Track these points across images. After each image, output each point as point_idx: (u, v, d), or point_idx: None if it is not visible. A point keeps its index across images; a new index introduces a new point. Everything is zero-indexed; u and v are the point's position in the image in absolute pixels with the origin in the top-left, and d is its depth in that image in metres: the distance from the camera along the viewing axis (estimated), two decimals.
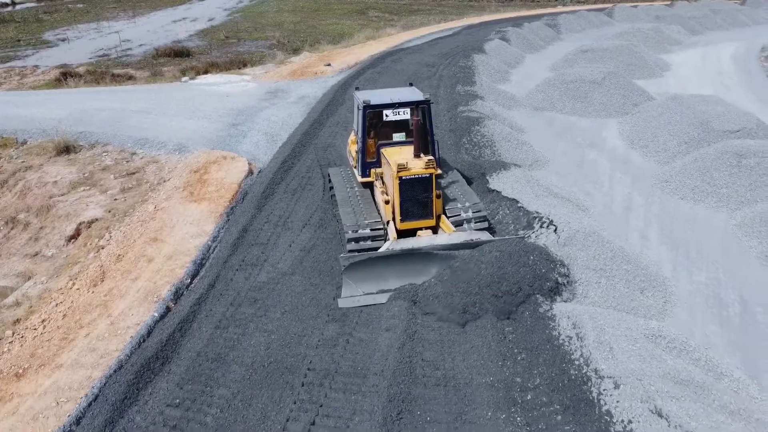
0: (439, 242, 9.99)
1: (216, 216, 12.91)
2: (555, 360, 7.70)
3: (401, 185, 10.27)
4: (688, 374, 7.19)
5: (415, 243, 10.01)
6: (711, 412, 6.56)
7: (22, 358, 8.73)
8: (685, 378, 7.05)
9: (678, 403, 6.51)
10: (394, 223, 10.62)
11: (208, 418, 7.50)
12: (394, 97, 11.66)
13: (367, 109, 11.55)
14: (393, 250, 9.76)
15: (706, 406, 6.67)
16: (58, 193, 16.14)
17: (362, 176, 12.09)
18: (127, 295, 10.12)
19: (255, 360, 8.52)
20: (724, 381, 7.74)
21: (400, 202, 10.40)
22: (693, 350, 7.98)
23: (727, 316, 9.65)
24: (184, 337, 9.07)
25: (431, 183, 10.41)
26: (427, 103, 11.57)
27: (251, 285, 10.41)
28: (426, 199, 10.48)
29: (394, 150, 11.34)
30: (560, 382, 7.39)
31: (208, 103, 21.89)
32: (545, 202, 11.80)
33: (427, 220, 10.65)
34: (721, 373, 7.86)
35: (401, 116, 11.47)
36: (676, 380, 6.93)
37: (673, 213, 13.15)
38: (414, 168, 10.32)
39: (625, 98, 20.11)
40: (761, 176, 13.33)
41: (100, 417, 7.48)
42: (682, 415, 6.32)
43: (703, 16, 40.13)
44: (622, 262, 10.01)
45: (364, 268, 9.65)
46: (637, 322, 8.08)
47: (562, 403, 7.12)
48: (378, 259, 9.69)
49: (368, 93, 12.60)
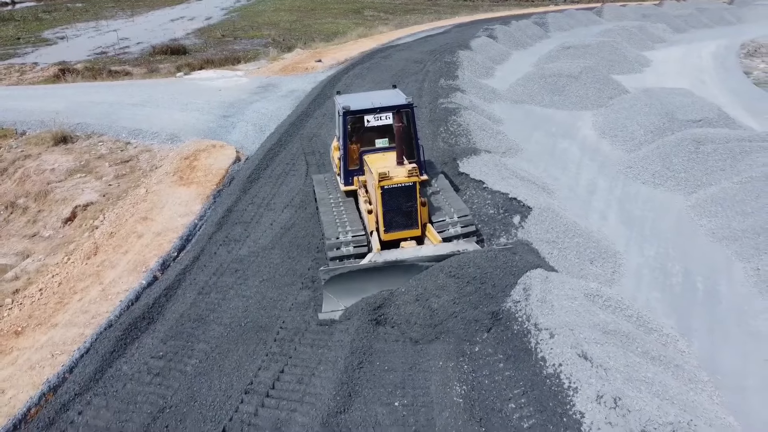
0: (424, 254, 9.45)
1: (203, 198, 13.75)
2: (503, 318, 8.51)
3: (383, 195, 9.82)
4: (617, 326, 8.01)
5: (398, 255, 9.47)
6: (630, 355, 7.38)
7: (20, 319, 9.57)
8: (613, 329, 7.87)
9: (602, 348, 7.33)
10: (378, 234, 10.11)
11: (188, 367, 8.33)
12: (375, 102, 11.15)
13: (347, 115, 11.09)
14: (376, 263, 9.27)
15: (627, 351, 7.49)
16: (56, 180, 16.97)
17: (345, 185, 11.58)
18: (117, 266, 10.95)
19: (233, 320, 9.35)
20: (653, 335, 8.57)
21: (383, 212, 9.94)
22: (626, 308, 8.80)
23: (670, 284, 10.48)
24: (169, 301, 9.90)
25: (415, 192, 9.95)
26: (410, 107, 11.11)
27: (233, 257, 11.24)
28: (410, 208, 10.01)
29: (377, 157, 10.86)
30: (505, 336, 8.21)
31: (200, 97, 22.72)
32: (510, 184, 12.63)
33: (412, 230, 10.15)
34: (651, 329, 8.69)
35: (383, 121, 10.96)
36: (605, 330, 7.75)
37: (633, 196, 13.98)
38: (396, 176, 9.85)
39: (600, 92, 20.93)
40: (717, 161, 14.15)
41: (91, 366, 8.31)
42: (603, 356, 7.14)
43: (688, 15, 40.96)
44: (574, 236, 10.85)
45: (346, 282, 9.15)
46: (579, 284, 8.90)
47: (505, 353, 7.94)
48: (360, 271, 9.21)
49: (349, 97, 12.19)
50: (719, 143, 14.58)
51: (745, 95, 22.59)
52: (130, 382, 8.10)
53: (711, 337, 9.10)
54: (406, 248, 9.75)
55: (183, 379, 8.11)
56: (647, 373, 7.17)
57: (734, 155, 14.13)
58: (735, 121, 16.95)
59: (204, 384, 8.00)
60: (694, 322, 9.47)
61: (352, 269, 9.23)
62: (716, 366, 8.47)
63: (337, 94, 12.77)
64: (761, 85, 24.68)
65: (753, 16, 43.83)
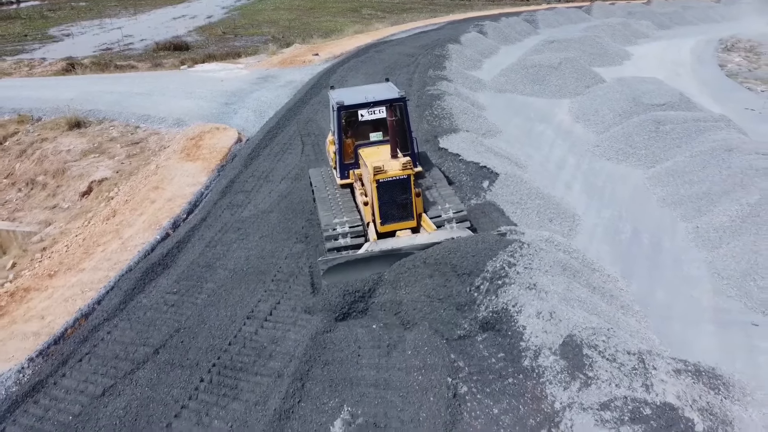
0: (419, 242, 9.73)
1: (209, 171, 15.22)
2: (473, 258, 9.90)
3: (379, 188, 9.99)
4: (565, 263, 9.45)
5: (394, 243, 9.74)
6: (573, 283, 8.83)
7: (52, 266, 11.04)
8: (564, 265, 9.31)
9: (548, 277, 8.79)
10: (375, 226, 10.31)
11: (198, 300, 9.80)
12: (368, 96, 11.30)
13: (341, 110, 11.20)
14: (372, 252, 9.54)
15: (570, 281, 8.95)
16: (71, 159, 18.45)
17: (341, 178, 11.71)
18: (134, 225, 12.42)
19: (236, 266, 10.81)
20: (596, 273, 10.03)
21: (379, 205, 10.12)
22: (575, 251, 10.26)
23: (619, 239, 11.95)
24: (181, 252, 11.37)
25: (409, 184, 10.15)
26: (402, 101, 11.30)
27: (236, 219, 12.71)
28: (405, 200, 10.21)
29: (372, 150, 11.02)
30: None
31: (204, 87, 24.18)
32: (484, 157, 14.09)
33: (407, 222, 10.36)
34: (595, 269, 10.15)
35: (377, 115, 11.10)
36: (552, 263, 9.20)
37: (597, 170, 15.44)
38: (391, 170, 10.03)
39: (578, 81, 22.39)
40: (674, 139, 15.62)
41: (115, 299, 9.78)
42: (547, 283, 8.59)
43: (673, 13, 42.43)
44: (536, 198, 12.32)
45: (344, 271, 9.40)
46: (535, 232, 10.35)
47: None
48: (357, 261, 9.46)
49: (343, 92, 12.28)
50: (677, 123, 16.05)
51: (714, 85, 24.07)
52: (149, 311, 9.57)
53: (648, 280, 10.57)
54: (402, 237, 10.01)
55: (194, 308, 9.58)
56: (582, 295, 8.64)
57: (689, 134, 15.60)
58: (696, 105, 18.41)
59: (212, 312, 9.46)
60: (636, 268, 10.94)
61: (349, 259, 9.45)
62: (649, 301, 9.94)
63: (330, 89, 12.84)
64: (732, 77, 26.15)
65: (737, 14, 45.27)
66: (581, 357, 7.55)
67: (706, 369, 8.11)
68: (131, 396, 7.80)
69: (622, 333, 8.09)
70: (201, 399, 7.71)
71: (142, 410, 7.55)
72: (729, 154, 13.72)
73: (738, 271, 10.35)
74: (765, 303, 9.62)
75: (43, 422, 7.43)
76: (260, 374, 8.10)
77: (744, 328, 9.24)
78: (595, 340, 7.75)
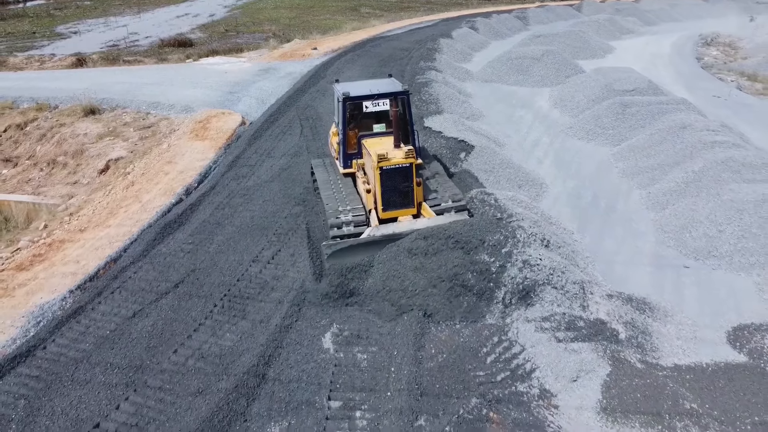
0: (419, 226, 10.03)
1: (216, 148, 16.82)
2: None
3: (382, 175, 10.33)
4: (526, 215, 11.04)
5: (395, 228, 10.07)
6: (532, 216, 10.43)
7: (82, 224, 12.65)
8: (522, 216, 10.90)
9: (512, 203, 10.38)
10: (376, 213, 10.71)
11: (210, 249, 11.40)
12: (373, 89, 11.69)
13: (346, 101, 11.61)
14: (374, 236, 9.87)
15: (531, 215, 10.54)
16: (89, 142, 20.05)
17: (344, 167, 12.14)
18: (151, 191, 14.02)
19: (242, 223, 12.41)
20: (553, 227, 11.62)
21: (382, 192, 10.47)
22: (535, 208, 11.86)
23: (579, 204, 13.54)
24: (193, 213, 12.97)
25: (411, 172, 10.50)
26: (406, 94, 11.68)
27: (241, 187, 14.30)
28: (407, 188, 10.56)
29: (375, 141, 11.43)
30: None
31: (209, 78, 25.80)
32: (463, 134, 15.69)
33: (408, 209, 10.75)
34: (552, 223, 11.75)
35: (381, 107, 11.50)
36: (512, 200, 10.80)
37: (568, 148, 17.02)
38: (394, 158, 10.40)
39: (559, 72, 23.97)
40: (638, 121, 17.19)
41: (139, 248, 11.40)
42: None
43: (660, 10, 44.01)
44: (507, 168, 13.92)
45: (347, 256, 9.76)
46: (501, 192, 11.94)
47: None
48: (360, 245, 9.83)
49: (348, 85, 12.64)
50: (642, 106, 17.64)
51: (688, 76, 25.64)
52: (168, 256, 11.18)
53: (600, 234, 12.16)
54: (402, 222, 10.41)
55: (207, 255, 11.18)
56: (540, 230, 10.22)
57: (652, 115, 17.18)
58: (662, 91, 19.99)
59: (222, 257, 11.07)
60: (590, 225, 12.52)
61: (352, 243, 9.83)
62: (598, 249, 11.53)
63: (336, 82, 13.23)
64: (707, 68, 27.73)
65: (723, 11, 46.78)
66: (534, 287, 9.15)
67: (637, 297, 9.77)
68: (157, 317, 9.39)
69: (571, 270, 9.68)
70: (215, 319, 9.30)
71: (167, 327, 9.15)
72: (683, 131, 15.30)
73: (677, 225, 11.94)
74: (696, 250, 11.20)
75: (86, 336, 9.02)
76: (264, 301, 9.69)
77: (676, 270, 10.81)
78: (550, 277, 9.35)
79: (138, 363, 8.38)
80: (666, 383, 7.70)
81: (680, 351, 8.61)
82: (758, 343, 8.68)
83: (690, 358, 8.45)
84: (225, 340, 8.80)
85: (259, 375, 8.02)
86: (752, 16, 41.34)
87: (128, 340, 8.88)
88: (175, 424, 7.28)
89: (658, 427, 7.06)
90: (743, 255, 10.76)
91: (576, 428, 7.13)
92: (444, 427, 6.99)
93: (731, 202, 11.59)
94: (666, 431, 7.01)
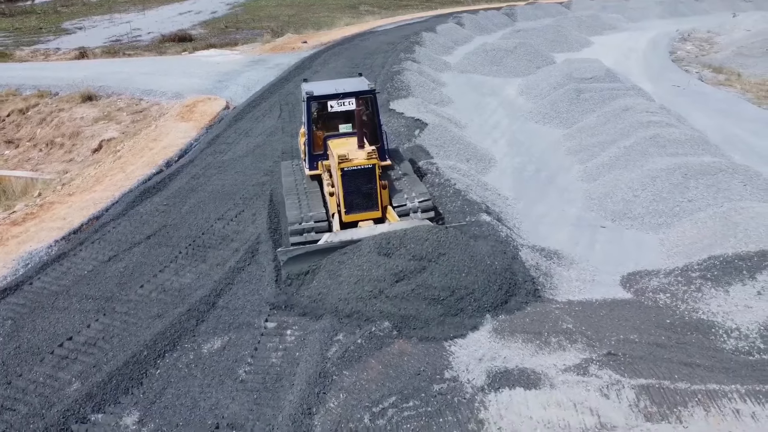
0: (379, 232, 9.67)
1: (198, 128, 18.30)
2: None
3: (343, 177, 10.15)
4: (461, 180, 12.41)
5: (354, 234, 9.73)
6: (467, 182, 11.80)
7: (70, 189, 14.14)
8: (459, 171, 12.27)
9: (450, 170, 11.76)
10: (339, 216, 10.43)
11: (182, 209, 12.86)
12: (339, 88, 11.51)
13: (310, 101, 11.44)
14: (332, 243, 9.57)
15: (467, 180, 11.92)
16: (85, 125, 21.59)
17: (310, 169, 11.93)
18: (135, 164, 15.52)
19: (213, 190, 13.86)
20: (488, 192, 13.00)
21: (344, 194, 10.25)
22: (471, 175, 13.24)
23: (521, 176, 14.89)
24: (171, 181, 14.44)
25: (374, 174, 10.25)
26: (372, 93, 11.55)
27: (218, 161, 15.76)
28: (370, 190, 10.32)
29: (340, 141, 11.22)
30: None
31: (201, 69, 27.31)
32: (423, 115, 17.07)
33: (372, 212, 10.47)
34: (487, 189, 13.12)
35: (346, 107, 11.25)
36: (451, 168, 12.17)
37: (524, 130, 18.36)
38: (356, 159, 10.19)
39: (530, 63, 25.31)
40: (590, 105, 18.52)
41: (119, 208, 12.91)
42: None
43: (645, 7, 45.11)
44: (456, 143, 15.31)
45: (303, 262, 9.53)
46: (442, 162, 13.31)
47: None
48: (318, 252, 9.54)
49: (314, 84, 12.49)
50: (595, 92, 18.97)
51: (656, 68, 26.89)
52: (144, 215, 12.65)
53: (533, 201, 13.50)
54: (362, 228, 10.05)
55: (178, 214, 12.64)
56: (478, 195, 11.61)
57: (604, 99, 18.50)
58: (618, 78, 21.29)
59: (192, 216, 12.52)
60: (527, 193, 13.88)
61: (308, 250, 9.54)
62: (528, 212, 12.88)
63: (303, 81, 13.00)
64: (678, 62, 28.95)
65: (708, 9, 47.80)
66: None
67: (549, 249, 11.12)
68: (128, 261, 10.84)
69: (495, 227, 11.05)
70: (179, 263, 10.74)
71: (137, 269, 10.59)
72: (625, 112, 16.63)
73: (602, 193, 13.28)
74: (614, 213, 12.54)
75: (67, 275, 10.47)
76: (223, 250, 11.14)
77: (593, 230, 12.16)
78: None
79: (109, 295, 9.82)
80: (552, 311, 9.07)
81: (576, 290, 9.95)
82: (645, 284, 10.02)
83: (583, 295, 9.79)
84: (185, 279, 10.24)
85: (209, 303, 9.44)
86: (734, 13, 42.39)
87: (102, 278, 10.33)
88: (134, 338, 8.71)
89: (537, 342, 8.42)
90: (653, 216, 12.09)
91: (468, 343, 8.49)
92: (357, 339, 8.38)
93: (648, 170, 12.92)
94: (542, 344, 8.37)
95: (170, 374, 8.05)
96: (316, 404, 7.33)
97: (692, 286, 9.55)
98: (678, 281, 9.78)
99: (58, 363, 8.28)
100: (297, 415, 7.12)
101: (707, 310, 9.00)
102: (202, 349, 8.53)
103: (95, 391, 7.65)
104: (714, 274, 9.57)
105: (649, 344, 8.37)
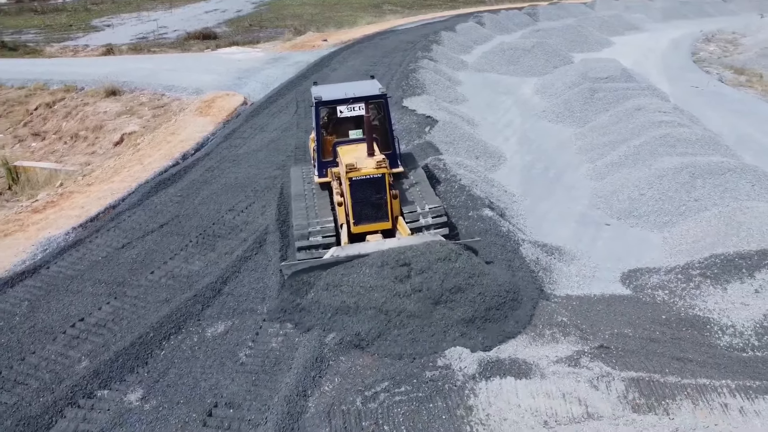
0: (387, 247, 9.21)
1: (216, 123, 18.73)
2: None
3: (352, 186, 9.70)
4: (467, 176, 12.58)
5: (361, 248, 9.29)
6: (473, 177, 11.96)
7: (89, 180, 14.64)
8: (466, 167, 12.44)
9: (456, 166, 11.94)
10: (348, 227, 9.94)
11: (195, 201, 13.24)
12: (348, 92, 10.97)
13: (319, 106, 11.00)
14: (338, 257, 9.12)
15: (472, 176, 12.08)
16: (108, 119, 22.19)
17: (319, 176, 11.39)
18: (152, 156, 15.98)
19: (227, 182, 14.22)
20: (494, 188, 13.14)
21: (352, 204, 9.79)
22: (478, 171, 13.38)
23: (530, 174, 14.98)
24: (186, 173, 14.85)
25: (384, 184, 9.76)
26: (383, 98, 11.05)
27: (232, 154, 16.14)
28: (379, 200, 9.82)
29: (350, 148, 10.69)
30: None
31: (222, 66, 27.83)
32: (435, 113, 17.24)
33: (382, 223, 9.94)
34: (493, 185, 13.26)
35: (357, 112, 10.75)
36: (458, 164, 12.34)
37: (537, 128, 18.42)
38: (365, 168, 9.73)
39: (548, 62, 25.29)
40: (604, 104, 18.49)
41: (135, 198, 13.34)
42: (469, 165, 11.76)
43: (669, 8, 44.56)
44: (466, 141, 15.46)
45: (308, 276, 9.18)
46: (450, 157, 13.48)
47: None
48: (323, 266, 9.13)
49: (324, 88, 11.97)
50: (609, 92, 18.94)
51: (676, 69, 26.65)
52: (159, 205, 13.06)
53: (540, 198, 13.60)
54: (370, 242, 9.58)
55: (191, 205, 13.03)
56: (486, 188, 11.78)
57: (618, 99, 18.47)
58: (634, 78, 21.18)
59: (203, 207, 12.89)
60: (534, 190, 13.98)
61: (313, 264, 9.17)
62: (534, 209, 12.99)
63: (313, 84, 12.41)
64: (699, 62, 28.64)
65: (735, 10, 47.06)
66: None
67: (551, 245, 11.24)
68: (141, 248, 11.24)
69: (498, 222, 11.21)
70: (189, 251, 11.10)
71: (148, 255, 10.99)
72: (638, 112, 16.60)
73: (609, 191, 13.33)
74: (620, 211, 12.59)
75: (82, 260, 10.91)
76: (232, 239, 11.48)
77: (598, 227, 12.23)
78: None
79: (121, 280, 10.22)
80: (549, 305, 9.20)
81: (575, 285, 10.06)
82: (645, 281, 10.09)
83: (582, 291, 9.90)
84: (194, 266, 10.59)
85: (215, 289, 9.78)
86: (762, 14, 41.68)
87: (115, 264, 10.74)
88: (142, 321, 9.07)
89: (531, 334, 8.58)
90: (658, 215, 12.12)
91: None
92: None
93: (656, 170, 12.94)
94: (536, 336, 8.52)
95: (174, 355, 8.39)
96: (311, 387, 7.60)
97: (691, 283, 9.61)
98: (678, 279, 9.83)
99: (70, 342, 8.67)
100: (292, 396, 7.39)
101: (704, 306, 9.07)
102: (206, 332, 8.85)
103: (102, 368, 8.02)
104: (714, 272, 9.61)
105: (642, 339, 8.48)
